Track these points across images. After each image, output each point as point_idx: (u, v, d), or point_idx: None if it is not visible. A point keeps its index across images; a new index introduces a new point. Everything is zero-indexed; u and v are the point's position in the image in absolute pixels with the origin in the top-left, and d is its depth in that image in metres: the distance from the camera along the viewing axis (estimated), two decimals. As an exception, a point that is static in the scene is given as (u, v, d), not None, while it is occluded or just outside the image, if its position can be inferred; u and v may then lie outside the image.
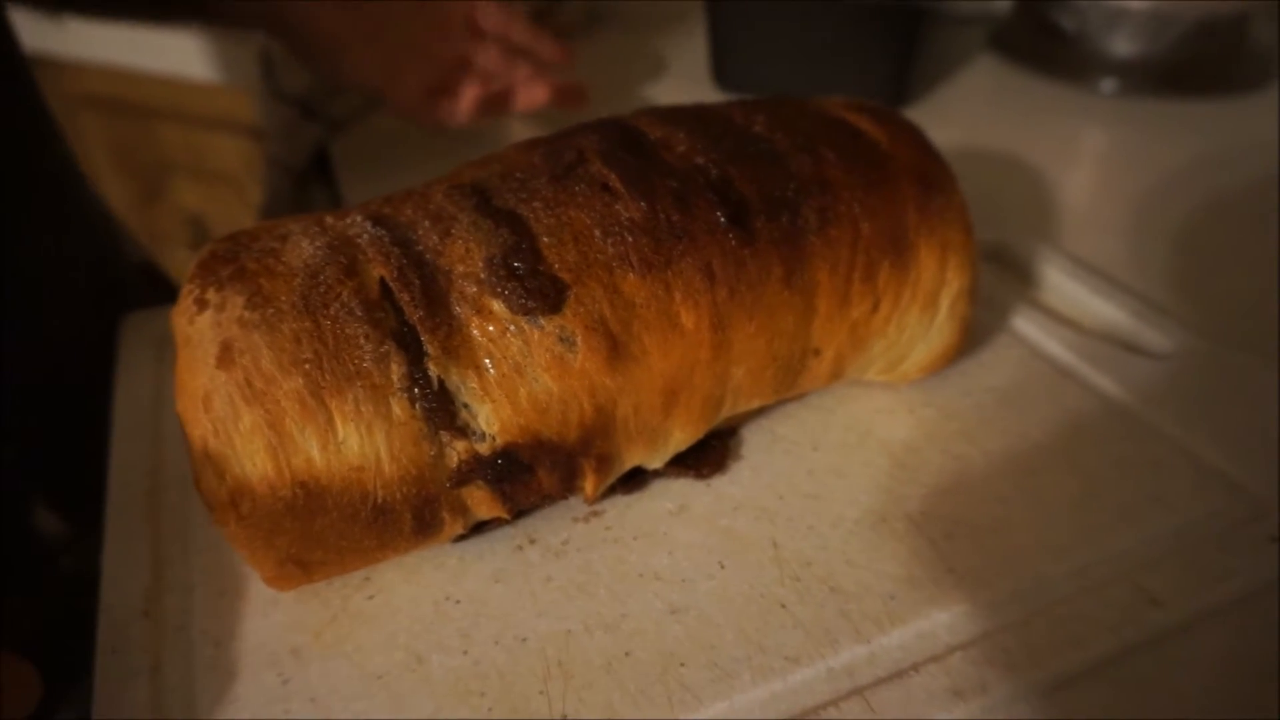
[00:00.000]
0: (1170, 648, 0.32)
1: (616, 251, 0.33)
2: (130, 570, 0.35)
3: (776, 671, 0.31)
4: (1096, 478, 0.38)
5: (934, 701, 0.30)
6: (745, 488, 0.38)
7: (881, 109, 0.41)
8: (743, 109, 0.39)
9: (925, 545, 0.36)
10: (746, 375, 0.36)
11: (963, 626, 0.33)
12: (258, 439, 0.29)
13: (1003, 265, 0.54)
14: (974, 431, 0.41)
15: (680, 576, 0.35)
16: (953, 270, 0.39)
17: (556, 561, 0.35)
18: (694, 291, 0.33)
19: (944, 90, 0.82)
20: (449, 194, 0.34)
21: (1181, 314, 0.49)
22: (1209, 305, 0.51)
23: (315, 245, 0.32)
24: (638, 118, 0.38)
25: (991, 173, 0.68)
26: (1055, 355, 0.45)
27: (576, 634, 0.32)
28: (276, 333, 0.29)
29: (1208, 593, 0.33)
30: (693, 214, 0.34)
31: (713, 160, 0.35)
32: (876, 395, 0.43)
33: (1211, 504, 0.37)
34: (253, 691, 0.31)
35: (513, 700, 0.30)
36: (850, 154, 0.37)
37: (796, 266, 0.35)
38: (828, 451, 0.40)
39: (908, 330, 0.39)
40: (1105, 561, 0.35)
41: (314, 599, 0.34)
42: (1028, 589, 0.34)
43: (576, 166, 0.35)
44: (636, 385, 0.33)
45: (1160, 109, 0.78)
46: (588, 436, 0.33)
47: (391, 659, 0.32)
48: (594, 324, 0.32)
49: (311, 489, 0.29)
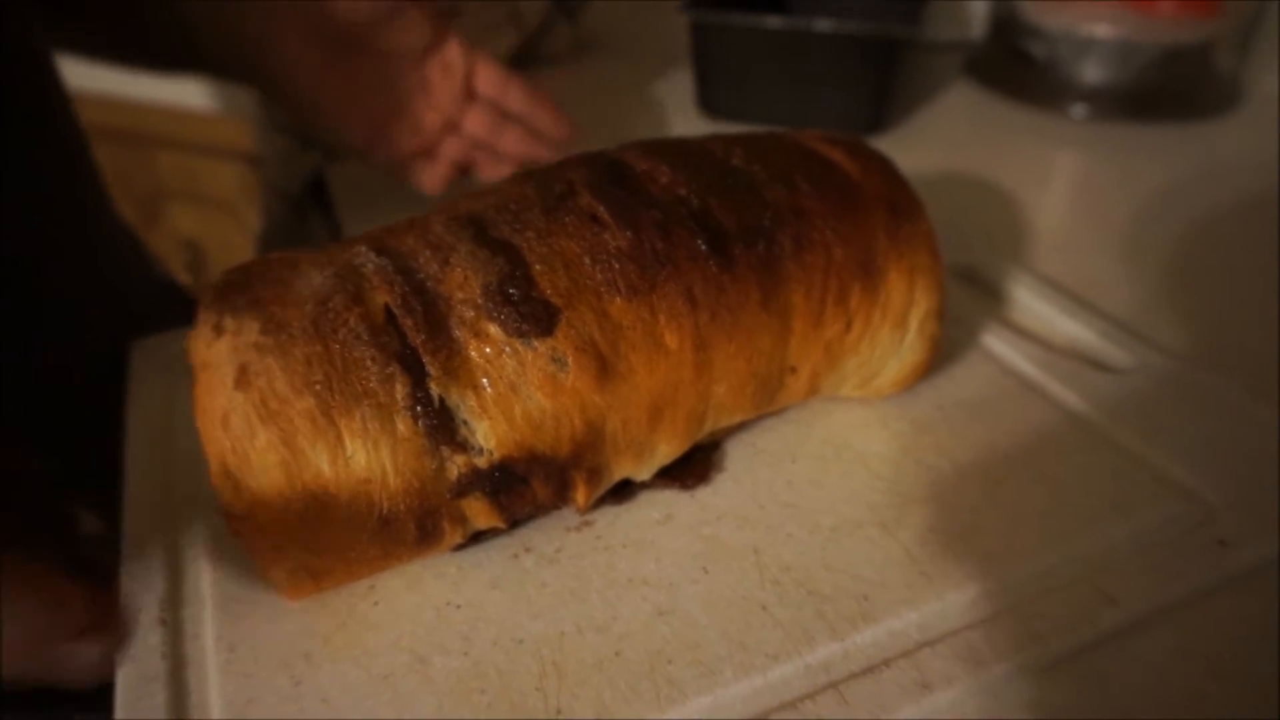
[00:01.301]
0: (1125, 644, 0.34)
1: (605, 278, 0.35)
2: (147, 583, 0.37)
3: (757, 668, 0.33)
4: (1060, 487, 0.41)
5: (904, 694, 0.32)
6: (728, 498, 0.41)
7: (854, 141, 0.43)
8: (722, 142, 0.41)
9: (898, 550, 0.38)
10: (727, 392, 0.38)
11: (932, 625, 0.35)
12: (272, 455, 0.31)
13: (974, 285, 0.56)
14: (945, 443, 0.43)
15: (667, 581, 0.37)
16: (921, 291, 0.41)
17: (550, 568, 0.37)
18: (677, 314, 0.36)
19: (921, 116, 0.85)
20: (447, 225, 0.37)
21: (1147, 331, 0.52)
22: (1175, 323, 0.54)
23: (324, 274, 0.34)
24: (624, 151, 0.40)
25: (966, 195, 0.71)
26: (1024, 371, 0.48)
27: (570, 635, 0.35)
28: (289, 356, 0.32)
29: (1161, 592, 0.36)
30: (675, 242, 0.36)
31: (694, 191, 0.38)
32: (853, 410, 0.45)
33: (1166, 510, 0.39)
34: (267, 693, 0.33)
35: (510, 698, 0.32)
36: (823, 184, 0.40)
37: (773, 290, 0.38)
38: (806, 463, 0.42)
39: (879, 348, 0.41)
40: (1067, 564, 0.37)
41: (322, 607, 0.36)
42: (994, 590, 0.36)
43: (567, 198, 0.37)
44: (624, 402, 0.36)
45: (1129, 134, 0.81)
46: (579, 450, 0.35)
47: (396, 661, 0.34)
48: (584, 345, 0.34)
49: (322, 501, 0.32)
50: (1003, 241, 0.63)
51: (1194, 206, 0.68)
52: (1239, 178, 0.72)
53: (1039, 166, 0.77)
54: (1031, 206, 0.68)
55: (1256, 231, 0.64)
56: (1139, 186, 0.72)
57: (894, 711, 0.32)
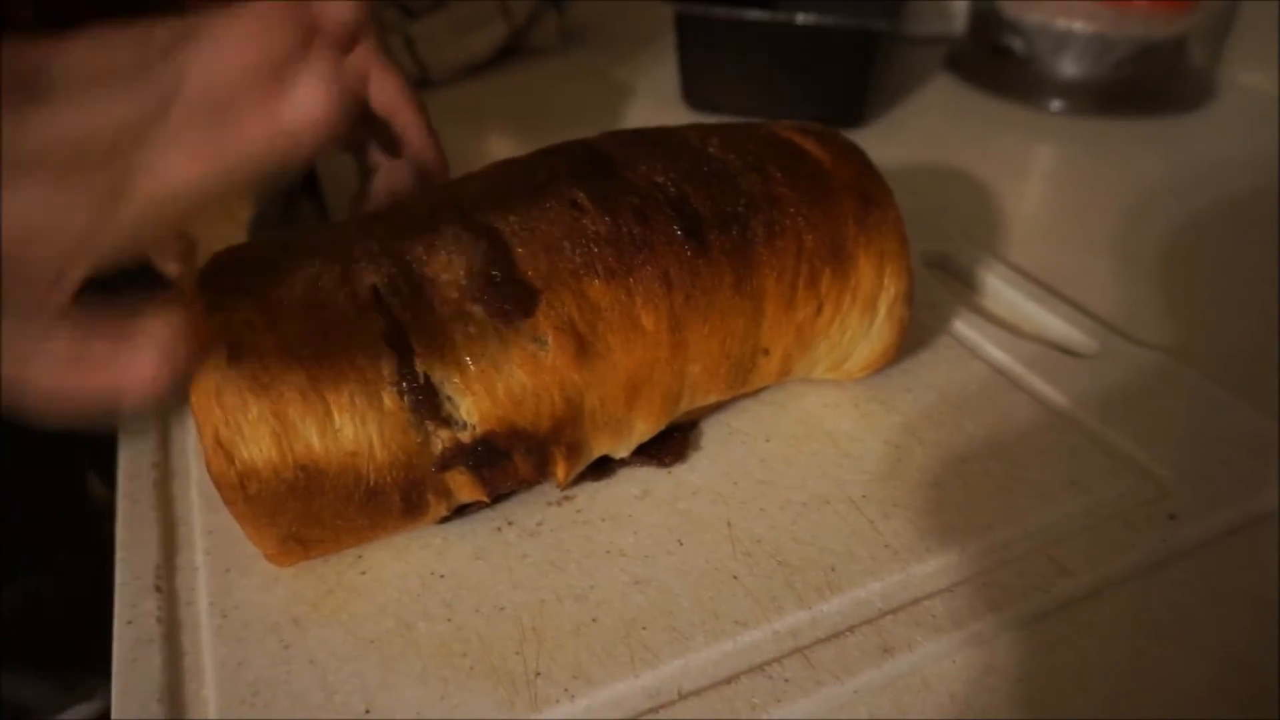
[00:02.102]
0: (1077, 611, 0.36)
1: (584, 261, 0.37)
2: (141, 553, 0.39)
3: (728, 634, 0.35)
4: (1020, 464, 0.42)
5: (866, 658, 0.34)
6: (703, 474, 0.42)
7: (826, 131, 0.45)
8: (699, 132, 0.43)
9: (865, 524, 0.39)
10: (702, 372, 0.40)
11: (895, 594, 0.37)
12: (263, 427, 0.32)
13: (947, 273, 0.58)
14: (913, 424, 0.45)
15: (643, 553, 0.38)
16: (890, 277, 0.43)
17: (531, 540, 0.39)
18: (653, 296, 0.37)
19: (901, 108, 0.87)
20: (433, 209, 0.38)
21: (1117, 319, 0.54)
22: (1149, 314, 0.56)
23: (313, 256, 0.36)
24: (603, 140, 0.42)
25: (943, 186, 0.72)
26: (991, 356, 0.50)
27: (549, 603, 0.36)
28: (280, 333, 0.33)
29: (1112, 563, 0.37)
30: (652, 227, 0.38)
31: (671, 179, 0.39)
32: (825, 391, 0.47)
33: (1120, 486, 0.41)
34: (257, 655, 0.34)
35: (491, 660, 0.34)
36: (795, 173, 0.41)
37: (746, 274, 0.39)
38: (779, 442, 0.44)
39: (849, 331, 0.43)
40: (1023, 538, 0.39)
41: (311, 575, 0.37)
42: (954, 562, 0.38)
43: (548, 185, 0.39)
44: (602, 380, 0.37)
45: (1105, 127, 0.82)
46: (559, 426, 0.37)
47: (382, 626, 0.35)
48: (563, 325, 0.36)
49: (311, 472, 0.33)
50: (977, 231, 0.65)
51: (1167, 199, 0.70)
52: (1212, 171, 0.74)
53: (1016, 159, 0.78)
54: (1007, 198, 0.70)
55: (1229, 223, 0.66)
56: (1114, 179, 0.73)
57: (857, 675, 0.34)
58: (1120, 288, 0.58)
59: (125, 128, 0.24)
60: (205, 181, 0.25)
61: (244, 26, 0.25)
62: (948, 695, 0.33)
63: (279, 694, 0.33)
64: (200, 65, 0.25)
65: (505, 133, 0.83)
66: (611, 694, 0.33)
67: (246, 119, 0.24)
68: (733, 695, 0.33)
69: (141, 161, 0.24)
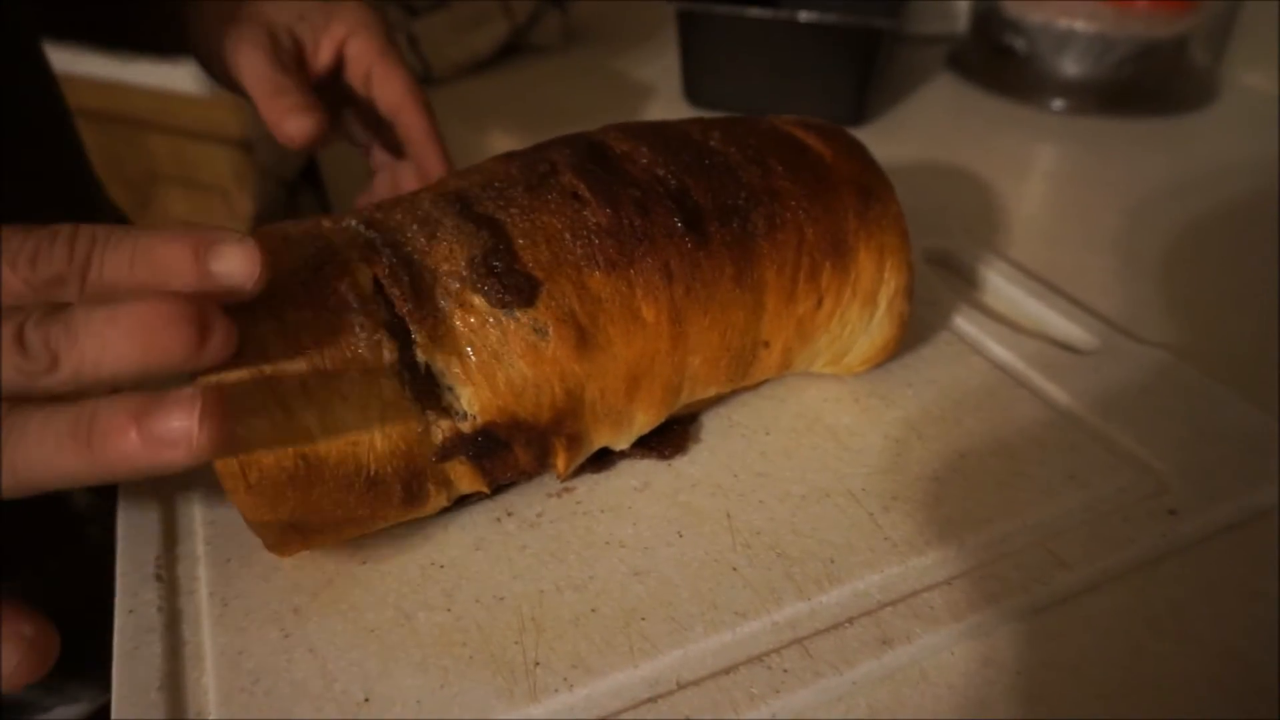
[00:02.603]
0: (1075, 605, 0.36)
1: (584, 252, 0.37)
2: (142, 543, 0.39)
3: (727, 624, 0.35)
4: (1020, 459, 0.42)
5: (865, 649, 0.34)
6: (703, 467, 0.42)
7: (827, 126, 0.45)
8: (700, 125, 0.43)
9: (864, 517, 0.40)
10: (702, 364, 0.40)
11: (894, 586, 0.37)
12: (264, 416, 0.32)
13: (948, 270, 0.58)
14: (913, 418, 0.45)
15: (643, 545, 0.38)
16: (890, 271, 0.43)
17: (531, 531, 0.39)
18: (654, 288, 0.37)
19: (903, 107, 0.87)
20: (434, 201, 0.38)
21: (1114, 316, 0.54)
22: (1141, 308, 0.56)
23: (315, 245, 0.36)
24: (605, 133, 0.42)
25: (944, 184, 0.72)
26: (992, 352, 0.50)
27: (548, 593, 0.36)
28: (282, 322, 0.33)
29: (1111, 557, 0.38)
30: (653, 219, 0.38)
31: (671, 172, 0.40)
32: (825, 386, 0.47)
33: (1119, 481, 0.41)
34: (257, 644, 0.34)
35: (491, 649, 0.34)
36: (796, 166, 0.41)
37: (746, 267, 0.39)
38: (779, 435, 0.44)
39: (849, 325, 0.43)
40: (1022, 531, 0.39)
41: (311, 565, 0.38)
42: (952, 555, 0.38)
43: (549, 177, 0.39)
44: (602, 371, 0.37)
45: (1106, 127, 0.83)
46: (559, 417, 0.37)
47: (382, 616, 0.35)
48: (564, 316, 0.36)
49: (311, 461, 0.33)
50: (978, 229, 0.65)
51: (1168, 199, 0.70)
52: (1213, 171, 0.74)
53: (1017, 158, 0.78)
54: (1008, 196, 0.70)
55: (1230, 223, 0.66)
56: (1115, 179, 0.73)
57: (856, 666, 0.34)
58: (1121, 286, 0.58)
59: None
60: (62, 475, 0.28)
61: (134, 314, 0.27)
62: (946, 687, 0.34)
63: (279, 682, 0.33)
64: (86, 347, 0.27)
65: (507, 130, 0.83)
66: (610, 683, 0.33)
67: (111, 435, 0.27)
68: (731, 685, 0.33)
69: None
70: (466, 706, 0.32)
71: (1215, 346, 0.52)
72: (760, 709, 0.32)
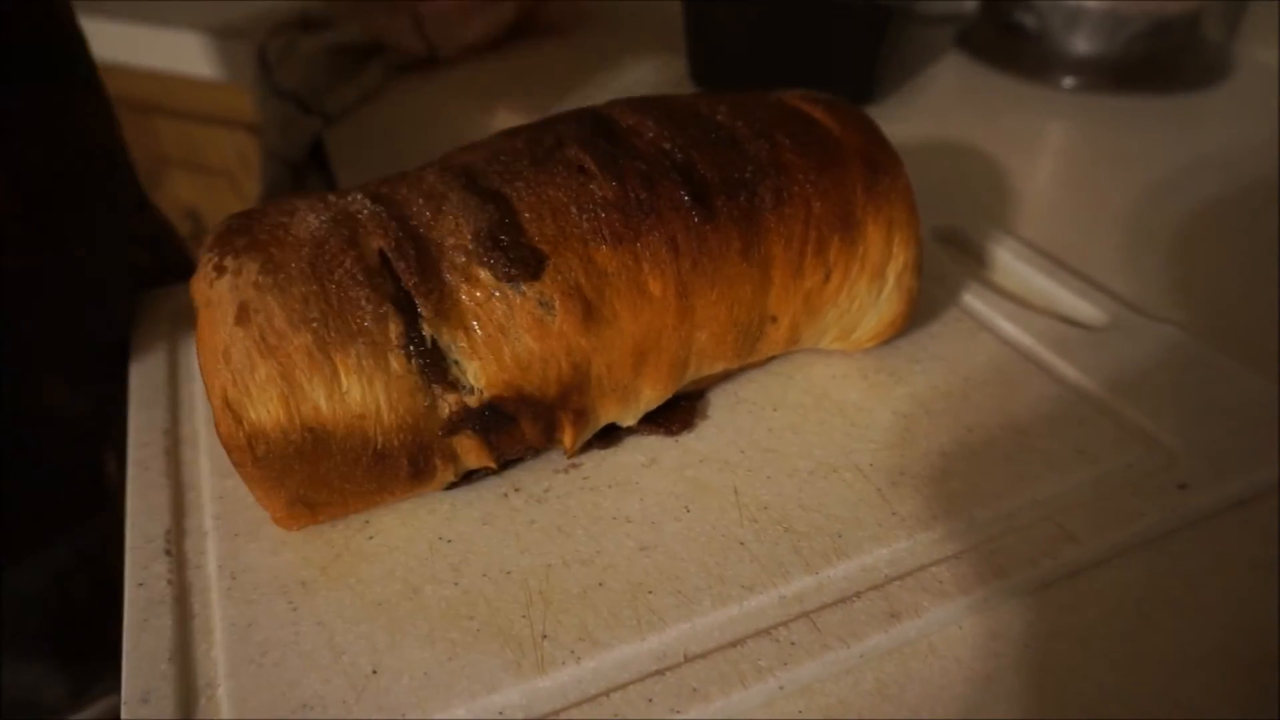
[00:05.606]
0: (1084, 579, 0.36)
1: (591, 226, 0.37)
2: (152, 517, 0.39)
3: (734, 598, 0.35)
4: (1028, 434, 0.42)
5: (873, 623, 0.34)
6: (710, 443, 0.42)
7: (834, 100, 0.45)
8: (707, 99, 0.43)
9: (871, 492, 0.39)
10: (709, 339, 0.40)
11: (902, 561, 0.37)
12: (271, 388, 0.33)
13: (957, 247, 0.58)
14: (920, 394, 0.45)
15: (650, 519, 0.38)
16: (898, 245, 0.43)
17: (539, 507, 0.39)
18: (660, 262, 0.37)
19: (913, 86, 0.86)
20: (440, 175, 0.38)
21: (1123, 293, 0.53)
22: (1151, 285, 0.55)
23: (320, 219, 0.36)
24: (611, 107, 0.42)
25: (954, 162, 0.72)
26: (1000, 329, 0.49)
27: (556, 568, 0.36)
28: (287, 295, 0.33)
29: (1120, 532, 0.37)
30: (659, 193, 0.38)
31: (678, 145, 0.39)
32: (833, 362, 0.47)
33: (1129, 456, 0.41)
34: (266, 617, 0.34)
35: (498, 623, 0.34)
36: (804, 140, 0.41)
37: (753, 241, 0.39)
38: (786, 411, 0.44)
39: (858, 300, 0.43)
40: (1031, 505, 0.39)
41: (319, 539, 0.38)
42: (960, 529, 0.38)
43: (555, 151, 0.38)
44: (609, 346, 0.37)
45: (1116, 104, 0.82)
46: (565, 392, 0.37)
47: (390, 589, 0.36)
48: (570, 290, 0.36)
49: (318, 434, 0.33)
50: (988, 207, 0.64)
51: (1180, 177, 0.69)
52: (1226, 149, 0.73)
53: (1028, 136, 0.78)
54: (1018, 174, 0.70)
55: (1241, 201, 0.66)
56: (1126, 156, 0.73)
57: (864, 639, 0.33)
58: (1131, 263, 0.58)
59: None
60: None
61: None
62: (954, 660, 0.33)
63: (288, 654, 0.33)
64: None
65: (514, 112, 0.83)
66: (618, 656, 0.33)
67: None
68: (739, 658, 0.33)
69: None
70: (474, 679, 0.32)
71: (1225, 322, 0.52)
72: (768, 681, 0.32)
